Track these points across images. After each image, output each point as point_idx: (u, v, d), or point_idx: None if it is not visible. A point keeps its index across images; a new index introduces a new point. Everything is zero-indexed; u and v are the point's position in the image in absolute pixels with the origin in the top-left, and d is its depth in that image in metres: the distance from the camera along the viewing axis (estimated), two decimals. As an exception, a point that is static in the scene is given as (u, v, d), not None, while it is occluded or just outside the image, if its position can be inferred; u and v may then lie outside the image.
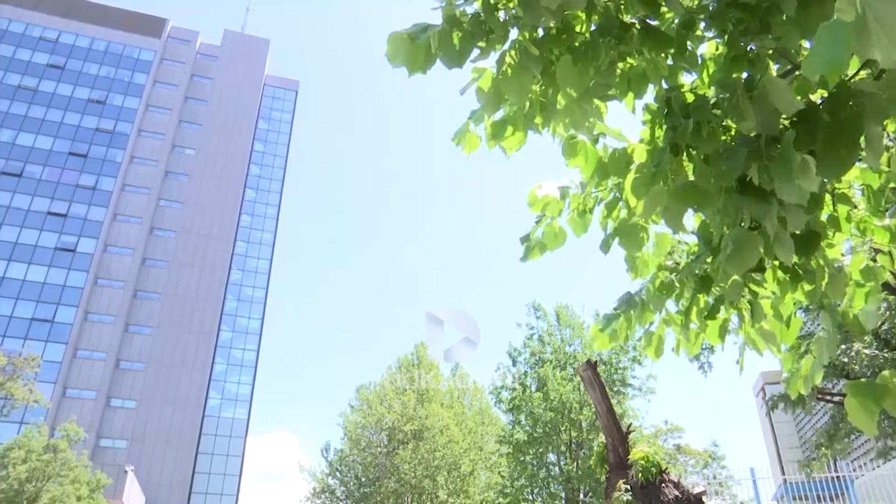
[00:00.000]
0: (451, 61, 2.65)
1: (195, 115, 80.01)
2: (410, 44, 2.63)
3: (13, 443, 33.80)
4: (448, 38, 2.63)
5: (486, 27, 2.67)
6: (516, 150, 3.15)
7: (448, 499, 30.91)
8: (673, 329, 3.82)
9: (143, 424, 63.23)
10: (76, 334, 63.09)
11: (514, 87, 2.73)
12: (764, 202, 2.55)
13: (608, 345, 3.90)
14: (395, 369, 36.11)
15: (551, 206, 3.49)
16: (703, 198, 2.77)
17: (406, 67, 2.66)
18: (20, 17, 75.78)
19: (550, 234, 3.56)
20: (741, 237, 2.70)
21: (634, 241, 3.27)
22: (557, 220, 3.53)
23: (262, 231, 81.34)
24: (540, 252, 3.59)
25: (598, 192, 3.42)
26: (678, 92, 2.89)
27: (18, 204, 66.42)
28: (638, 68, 2.90)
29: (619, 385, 26.33)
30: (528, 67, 2.68)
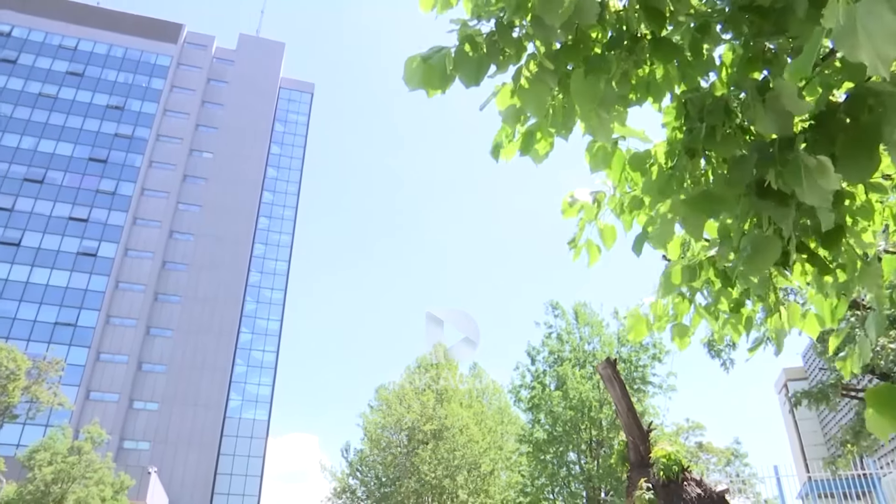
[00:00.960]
0: (468, 80, 2.70)
1: (212, 119, 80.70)
2: (426, 66, 2.69)
3: (39, 445, 34.34)
4: (464, 59, 2.69)
5: (501, 45, 2.71)
6: (546, 156, 3.20)
7: (468, 498, 30.92)
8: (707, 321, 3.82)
9: (166, 426, 63.90)
10: (98, 338, 63.89)
11: (532, 101, 2.77)
12: (783, 206, 2.56)
13: (644, 334, 3.91)
14: (414, 369, 36.17)
15: (587, 209, 3.52)
16: (720, 205, 2.78)
17: (424, 90, 2.73)
18: (40, 25, 76.85)
19: (601, 232, 3.58)
20: (759, 240, 2.72)
21: (663, 241, 3.28)
22: (600, 219, 3.56)
23: (279, 233, 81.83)
24: (599, 253, 3.62)
25: (632, 190, 3.44)
26: (695, 95, 2.91)
27: (41, 210, 67.41)
28: (653, 75, 2.92)
29: (640, 383, 26.19)
30: (544, 81, 2.72)
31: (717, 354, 20.81)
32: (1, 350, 32.62)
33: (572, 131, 3.01)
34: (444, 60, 2.68)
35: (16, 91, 72.56)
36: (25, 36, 76.08)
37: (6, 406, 32.72)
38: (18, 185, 67.91)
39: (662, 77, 2.85)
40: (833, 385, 20.56)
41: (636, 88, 2.88)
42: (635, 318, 3.89)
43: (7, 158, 68.92)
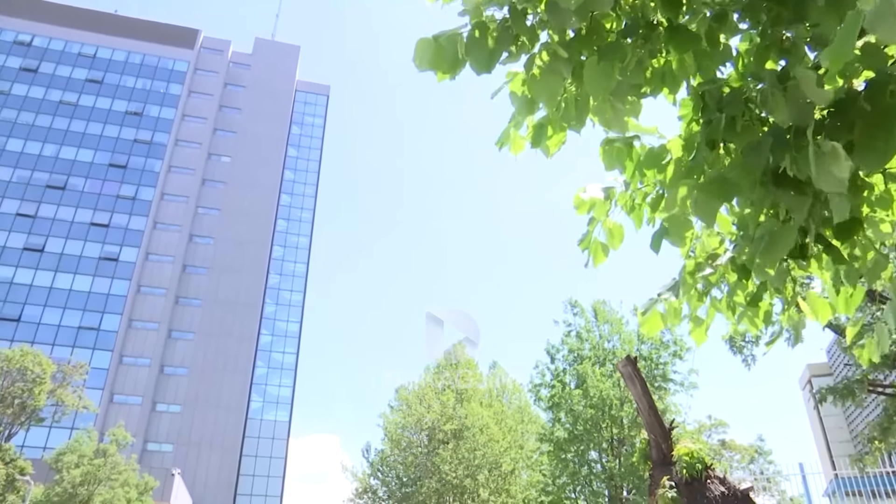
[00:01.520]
0: (479, 66, 2.66)
1: (229, 124, 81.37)
2: (437, 49, 2.65)
3: (65, 447, 34.85)
4: (476, 44, 2.64)
5: (514, 32, 2.68)
6: (557, 149, 3.16)
7: (490, 498, 30.86)
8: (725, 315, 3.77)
9: (188, 428, 64.53)
10: (121, 341, 64.69)
11: (545, 91, 2.73)
12: (800, 194, 2.51)
13: (659, 328, 3.84)
14: (434, 369, 36.19)
15: (598, 207, 3.48)
16: (734, 190, 2.73)
17: (434, 72, 2.69)
18: (60, 34, 78.01)
19: (608, 232, 3.54)
20: (774, 230, 2.67)
21: (681, 235, 3.23)
22: (610, 218, 3.52)
23: (297, 235, 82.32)
24: (604, 254, 3.58)
25: (644, 187, 3.40)
26: (713, 86, 2.86)
27: (63, 216, 68.40)
28: (669, 65, 2.88)
29: (661, 380, 25.97)
30: (557, 70, 2.68)
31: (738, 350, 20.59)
32: (26, 354, 33.10)
33: (585, 124, 2.97)
34: (455, 43, 2.64)
35: (37, 99, 73.71)
36: (46, 45, 77.28)
37: (32, 409, 33.20)
38: (41, 191, 68.98)
39: (678, 67, 2.80)
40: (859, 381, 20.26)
41: (651, 79, 2.83)
42: (649, 313, 3.83)
43: (30, 166, 70.03)
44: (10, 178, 68.92)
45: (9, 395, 32.34)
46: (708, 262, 3.53)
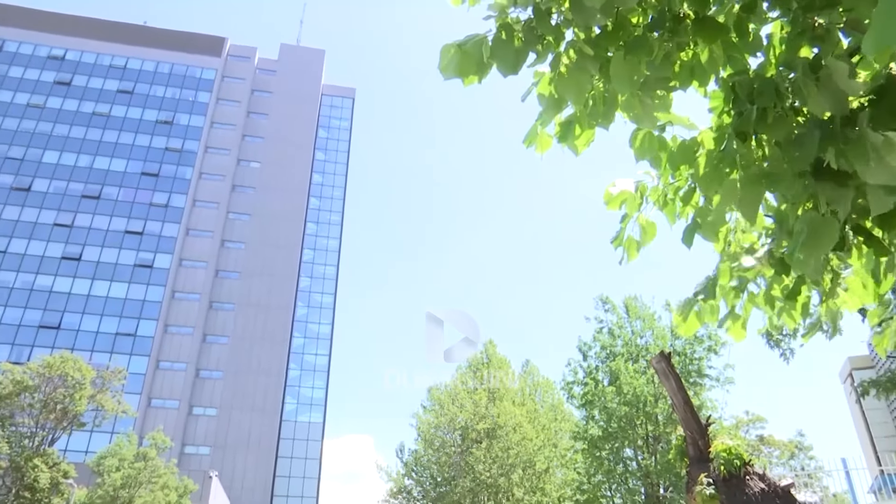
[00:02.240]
0: (506, 69, 2.64)
1: (257, 129, 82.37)
2: (462, 56, 2.64)
3: (106, 451, 35.60)
4: (501, 47, 2.63)
5: (539, 32, 2.65)
6: (586, 147, 3.13)
7: (524, 497, 30.76)
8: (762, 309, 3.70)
9: (225, 431, 65.45)
10: (158, 346, 65.87)
11: (572, 88, 2.71)
12: (842, 186, 2.45)
13: (695, 329, 3.79)
14: (466, 368, 36.18)
15: (630, 203, 3.44)
16: (777, 183, 2.67)
17: (460, 79, 2.68)
18: (91, 47, 79.72)
19: (641, 228, 3.50)
20: (816, 222, 2.60)
21: (714, 230, 3.18)
22: (643, 214, 3.48)
23: (327, 238, 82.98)
24: (637, 250, 3.54)
25: (676, 181, 3.35)
26: (743, 77, 2.80)
27: (98, 225, 69.90)
28: (697, 57, 2.83)
29: (696, 376, 25.62)
30: (584, 68, 2.66)
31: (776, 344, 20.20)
32: (67, 361, 33.85)
33: (613, 121, 2.94)
34: (480, 48, 2.62)
35: (71, 111, 75.43)
36: (78, 58, 79.03)
37: (74, 414, 33.94)
38: (77, 201, 70.57)
39: (707, 59, 2.75)
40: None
41: (680, 72, 2.79)
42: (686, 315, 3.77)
43: (65, 177, 71.70)
44: (48, 190, 70.65)
45: (51, 400, 33.11)
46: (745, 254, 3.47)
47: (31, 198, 69.76)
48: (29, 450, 31.88)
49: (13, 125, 73.25)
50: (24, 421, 33.08)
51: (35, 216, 68.81)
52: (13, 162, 71.18)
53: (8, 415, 32.44)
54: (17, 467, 30.87)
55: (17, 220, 68.20)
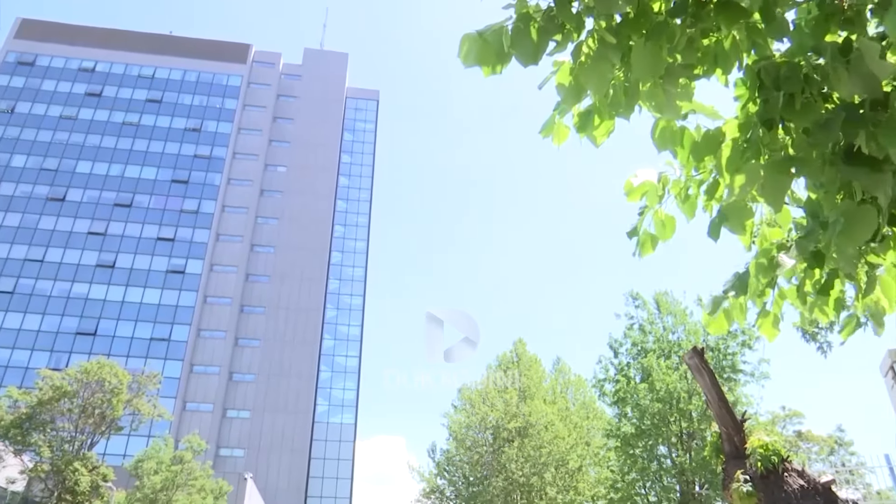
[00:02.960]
0: (525, 58, 2.61)
1: (284, 134, 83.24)
2: (482, 44, 2.60)
3: (144, 455, 36.28)
4: (521, 36, 2.59)
5: (560, 21, 2.61)
6: (605, 138, 3.06)
7: (558, 495, 30.60)
8: (794, 305, 3.59)
9: (258, 433, 66.24)
10: (191, 351, 66.90)
11: (594, 78, 2.66)
12: (876, 171, 2.36)
13: (725, 328, 3.70)
14: (495, 367, 36.11)
15: (650, 195, 3.36)
16: (802, 167, 2.59)
17: (480, 67, 2.65)
18: (120, 59, 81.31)
19: (658, 223, 3.43)
20: (852, 211, 2.52)
21: (741, 223, 3.09)
22: (661, 208, 3.40)
23: (354, 240, 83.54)
24: (652, 245, 3.46)
25: (700, 174, 3.27)
26: (769, 63, 2.72)
27: (131, 232, 71.24)
28: (721, 44, 2.75)
29: (730, 371, 25.22)
30: (606, 56, 2.61)
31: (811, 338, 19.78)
32: (104, 366, 34.53)
33: (634, 111, 2.87)
34: (500, 37, 2.59)
35: (102, 122, 77.02)
36: (108, 69, 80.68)
37: (112, 419, 34.62)
38: (110, 210, 72.00)
39: (731, 45, 2.68)
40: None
41: (703, 60, 2.72)
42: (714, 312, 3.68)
43: (98, 186, 73.22)
44: (81, 199, 72.21)
45: (89, 405, 33.81)
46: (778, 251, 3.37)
47: (65, 207, 71.37)
48: (69, 454, 32.59)
49: (47, 137, 75.03)
50: (64, 425, 33.81)
51: (70, 225, 70.38)
52: (48, 173, 72.90)
53: (49, 420, 33.19)
54: (59, 471, 31.58)
55: (52, 229, 69.83)
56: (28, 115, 75.98)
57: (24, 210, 70.49)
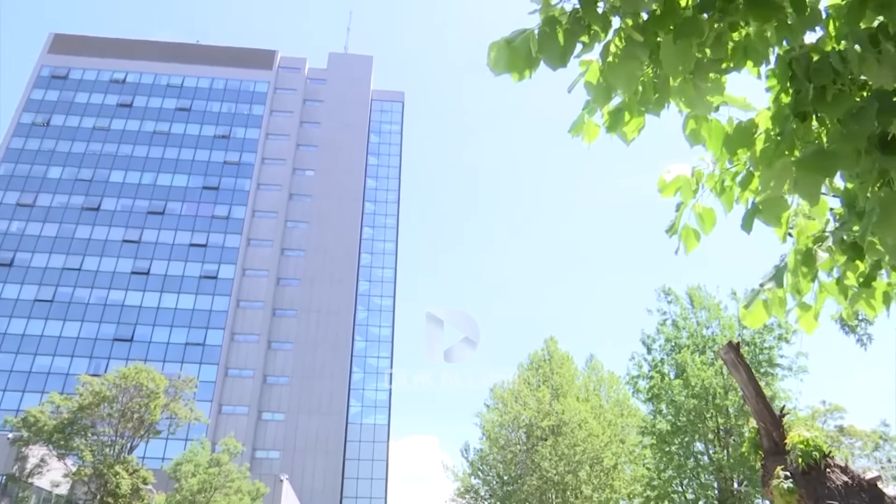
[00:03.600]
0: (554, 61, 2.60)
1: (311, 138, 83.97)
2: (510, 51, 2.60)
3: (182, 458, 36.88)
4: (548, 39, 2.58)
5: (586, 22, 2.60)
6: (636, 135, 3.04)
7: (593, 494, 30.39)
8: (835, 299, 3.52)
9: (293, 435, 66.92)
10: (225, 354, 67.82)
11: (622, 76, 2.64)
12: (913, 160, 2.31)
13: (762, 321, 3.63)
14: (527, 366, 35.99)
15: (685, 189, 3.32)
16: (837, 162, 2.53)
17: (510, 74, 2.65)
18: (150, 69, 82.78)
19: (699, 217, 3.38)
20: (889, 199, 2.46)
21: (776, 215, 3.04)
22: (698, 201, 3.36)
23: (383, 241, 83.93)
24: (697, 239, 3.42)
25: (734, 165, 3.22)
26: (801, 53, 2.67)
27: (164, 239, 72.49)
28: (751, 37, 2.71)
29: (767, 366, 24.78)
30: (634, 55, 2.59)
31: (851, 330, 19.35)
32: (141, 372, 35.19)
33: (664, 107, 2.85)
34: (528, 42, 2.59)
35: (133, 132, 78.54)
36: (138, 80, 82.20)
37: (150, 423, 35.28)
38: (143, 218, 73.37)
39: (761, 38, 2.64)
40: None
41: (733, 53, 2.68)
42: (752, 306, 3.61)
43: (131, 194, 74.65)
44: (115, 208, 73.67)
45: (128, 410, 34.50)
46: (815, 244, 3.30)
47: (100, 216, 72.88)
48: (110, 457, 33.29)
49: (81, 148, 76.71)
50: (104, 430, 34.56)
51: (105, 234, 71.85)
52: (83, 183, 74.54)
53: (90, 424, 33.95)
54: (101, 474, 32.28)
55: (88, 238, 71.36)
56: (62, 128, 77.77)
57: (61, 220, 72.16)
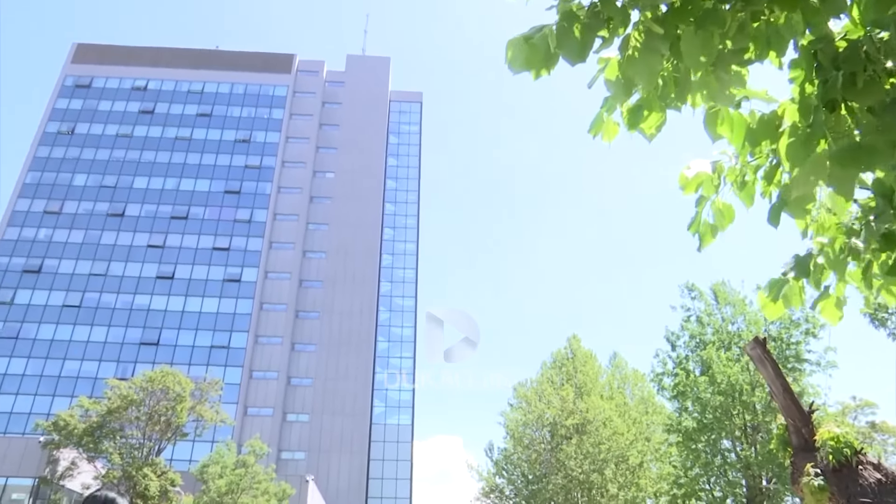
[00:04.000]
0: (573, 57, 2.57)
1: (330, 140, 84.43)
2: (528, 47, 2.57)
3: (209, 460, 37.27)
4: (566, 35, 2.55)
5: (605, 16, 2.56)
6: (657, 131, 3.00)
7: (619, 492, 30.20)
8: (858, 288, 3.45)
9: (318, 435, 67.34)
10: (250, 357, 68.44)
11: (643, 71, 2.59)
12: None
13: (780, 312, 3.57)
14: (550, 365, 35.87)
15: (706, 185, 3.27)
16: (873, 158, 2.47)
17: (529, 72, 2.62)
18: (170, 75, 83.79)
19: (717, 212, 3.34)
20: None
21: (802, 207, 2.98)
22: (719, 197, 3.31)
23: (404, 242, 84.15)
24: (713, 235, 3.38)
25: (756, 159, 3.17)
26: (826, 42, 2.61)
27: (188, 244, 73.34)
28: (774, 26, 2.65)
29: (794, 361, 24.44)
30: (654, 48, 2.54)
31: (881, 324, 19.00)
32: (167, 375, 35.62)
33: (686, 101, 2.80)
34: (546, 39, 2.56)
35: (156, 138, 79.55)
36: (159, 87, 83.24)
37: (177, 426, 35.69)
38: (167, 223, 74.29)
39: (785, 26, 2.58)
40: None
41: (755, 43, 2.62)
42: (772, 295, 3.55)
43: (155, 200, 75.63)
44: (140, 213, 74.68)
45: (155, 413, 34.94)
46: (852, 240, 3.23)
47: (125, 222, 73.91)
48: (139, 460, 33.74)
49: (105, 155, 77.85)
50: (132, 433, 35.03)
51: (130, 239, 72.85)
52: (107, 190, 75.65)
53: (118, 427, 34.44)
54: (130, 476, 32.73)
55: (114, 244, 72.40)
56: (87, 136, 78.97)
57: (87, 227, 73.30)
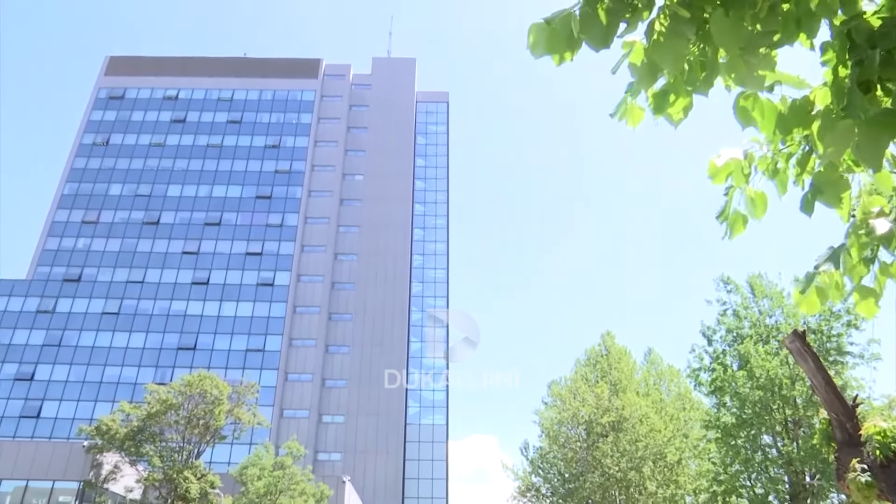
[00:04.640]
0: (596, 42, 2.50)
1: (358, 143, 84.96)
2: (550, 32, 2.51)
3: (247, 462, 37.75)
4: (590, 19, 2.48)
5: (629, 0, 2.49)
6: (683, 116, 2.91)
7: (657, 490, 29.80)
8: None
9: (353, 436, 67.79)
10: (285, 359, 69.18)
11: (669, 55, 2.52)
12: None
13: (818, 306, 3.45)
14: (584, 362, 35.57)
15: (736, 174, 3.18)
16: None
17: (550, 57, 2.56)
18: (201, 84, 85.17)
19: (749, 201, 3.24)
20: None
21: (837, 195, 2.88)
22: (750, 185, 3.21)
23: (434, 242, 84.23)
24: (744, 225, 3.28)
25: (787, 147, 3.07)
26: (859, 21, 2.52)
27: (221, 249, 74.44)
28: (804, 6, 2.56)
29: (835, 354, 23.82)
30: (680, 32, 2.47)
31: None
32: (205, 379, 36.16)
33: (713, 86, 2.72)
34: (568, 23, 2.50)
35: (188, 146, 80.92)
36: (189, 96, 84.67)
37: (215, 429, 36.21)
38: (201, 229, 75.50)
39: (818, 6, 2.48)
40: None
41: (784, 26, 2.53)
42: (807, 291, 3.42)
43: (189, 207, 76.92)
44: (174, 221, 76.04)
45: (194, 416, 35.50)
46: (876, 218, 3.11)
47: (160, 230, 75.31)
48: (179, 463, 34.31)
49: (139, 165, 79.45)
50: (172, 436, 35.65)
51: (165, 247, 74.21)
52: (142, 199, 77.18)
53: (158, 431, 35.07)
54: (170, 479, 33.31)
55: (150, 251, 73.84)
56: (121, 146, 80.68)
57: (124, 235, 74.86)
